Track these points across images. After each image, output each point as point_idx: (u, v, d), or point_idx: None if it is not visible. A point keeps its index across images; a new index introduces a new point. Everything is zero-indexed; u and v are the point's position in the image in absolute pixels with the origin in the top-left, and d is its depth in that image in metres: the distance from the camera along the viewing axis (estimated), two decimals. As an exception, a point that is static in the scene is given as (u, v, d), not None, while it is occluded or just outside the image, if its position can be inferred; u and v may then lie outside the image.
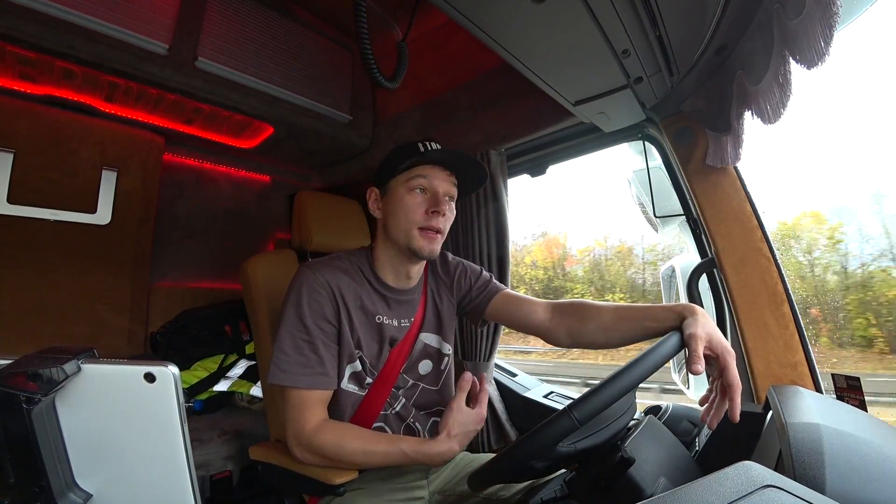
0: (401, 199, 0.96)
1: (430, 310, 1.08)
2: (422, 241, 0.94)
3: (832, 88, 8.23)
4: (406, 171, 0.96)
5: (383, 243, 1.02)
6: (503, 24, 0.81)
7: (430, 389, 1.07)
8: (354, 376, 0.97)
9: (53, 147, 1.55)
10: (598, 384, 0.66)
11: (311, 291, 0.92)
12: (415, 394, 1.04)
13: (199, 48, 1.39)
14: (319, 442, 0.87)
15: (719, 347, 0.75)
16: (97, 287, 1.68)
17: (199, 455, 1.44)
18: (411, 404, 1.03)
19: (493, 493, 0.99)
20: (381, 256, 1.02)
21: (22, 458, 0.46)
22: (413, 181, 0.95)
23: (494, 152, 1.56)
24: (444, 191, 0.97)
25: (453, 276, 1.12)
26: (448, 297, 1.12)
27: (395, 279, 1.03)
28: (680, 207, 1.33)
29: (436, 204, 0.94)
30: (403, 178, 0.96)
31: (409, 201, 0.95)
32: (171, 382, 0.49)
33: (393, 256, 1.01)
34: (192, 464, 0.51)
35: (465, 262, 1.16)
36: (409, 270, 1.02)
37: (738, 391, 0.72)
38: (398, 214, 0.96)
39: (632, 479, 0.67)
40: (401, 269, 1.01)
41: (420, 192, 0.96)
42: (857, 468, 0.54)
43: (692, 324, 0.76)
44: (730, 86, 0.96)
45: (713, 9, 0.80)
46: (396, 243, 0.97)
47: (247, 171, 2.23)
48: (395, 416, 1.00)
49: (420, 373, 1.05)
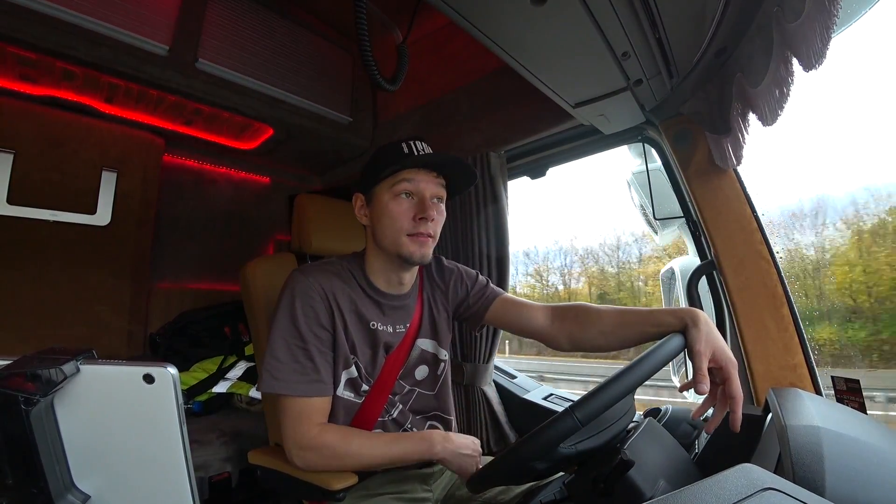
0: (386, 206, 0.92)
1: (426, 315, 1.07)
2: (412, 247, 0.91)
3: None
4: (390, 177, 0.92)
5: (374, 250, 0.99)
6: (503, 26, 0.82)
7: (427, 394, 1.06)
8: (350, 383, 0.95)
9: (53, 148, 1.55)
10: (600, 385, 0.66)
11: (305, 297, 0.90)
12: (411, 399, 1.03)
13: (200, 49, 1.39)
14: (323, 441, 0.86)
15: (723, 359, 0.76)
16: (97, 288, 1.68)
17: (198, 456, 1.44)
18: (408, 409, 1.02)
19: (492, 496, 0.99)
20: (372, 263, 1.00)
21: (20, 459, 0.46)
22: (398, 186, 0.91)
23: (494, 154, 1.56)
24: (432, 193, 0.93)
25: (448, 282, 1.10)
26: (444, 302, 1.10)
27: (387, 285, 1.00)
28: (680, 210, 1.33)
29: (423, 209, 0.90)
30: (387, 183, 0.92)
31: (394, 208, 0.91)
32: (170, 383, 0.49)
33: (384, 262, 0.98)
34: (190, 465, 0.51)
35: (460, 266, 1.14)
36: (402, 277, 1.00)
37: (741, 403, 0.73)
38: (384, 222, 0.92)
39: (631, 482, 0.67)
40: (392, 275, 0.99)
41: (406, 196, 0.91)
42: (856, 471, 0.54)
43: (696, 338, 0.76)
44: (729, 88, 0.96)
45: (713, 11, 0.80)
46: (386, 250, 0.95)
47: (246, 173, 2.23)
48: (393, 421, 0.99)
49: (417, 378, 1.04)
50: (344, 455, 0.87)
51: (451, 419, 1.09)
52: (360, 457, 0.88)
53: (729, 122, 1.00)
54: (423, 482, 1.02)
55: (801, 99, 0.79)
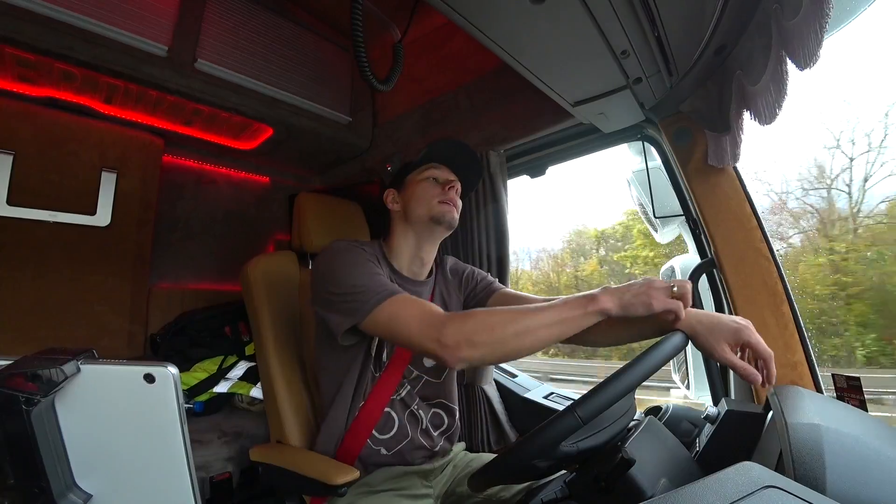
0: (417, 185, 1.09)
1: (438, 303, 1.12)
2: (443, 208, 1.06)
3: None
4: (418, 169, 1.11)
5: (402, 230, 1.10)
6: (502, 24, 0.82)
7: (434, 382, 1.10)
8: (377, 356, 1.02)
9: (53, 149, 1.55)
10: (601, 382, 0.66)
11: (362, 252, 0.98)
12: (419, 384, 1.07)
13: (199, 50, 1.39)
14: (462, 316, 0.79)
15: (738, 340, 0.78)
16: (97, 289, 1.68)
17: (199, 456, 1.44)
18: (415, 393, 1.06)
19: (493, 495, 0.99)
20: (397, 244, 1.10)
21: (22, 458, 0.46)
22: (426, 172, 1.10)
23: (494, 153, 1.56)
24: (452, 178, 1.12)
25: (461, 276, 1.20)
26: (456, 294, 1.17)
27: (409, 266, 1.10)
28: (679, 208, 1.33)
29: (448, 182, 1.09)
30: (416, 173, 1.11)
31: (426, 186, 1.09)
32: (170, 383, 0.49)
33: (411, 239, 1.10)
34: (192, 465, 0.51)
35: (473, 267, 1.25)
36: (424, 256, 1.11)
37: (772, 359, 0.76)
38: (418, 195, 1.08)
39: (632, 480, 0.67)
40: (417, 252, 1.10)
41: (433, 181, 1.10)
42: (857, 468, 0.54)
43: (710, 343, 0.78)
44: (729, 86, 0.96)
45: (712, 9, 0.80)
46: (419, 220, 1.07)
47: (246, 173, 2.23)
48: (401, 402, 1.04)
49: (425, 365, 1.08)
50: (496, 324, 0.76)
51: (455, 408, 1.14)
52: (517, 321, 0.77)
53: (728, 121, 1.00)
54: (424, 478, 1.03)
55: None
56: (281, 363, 1.21)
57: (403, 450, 1.01)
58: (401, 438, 1.01)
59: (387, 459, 1.00)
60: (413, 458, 1.02)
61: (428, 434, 1.06)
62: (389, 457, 1.00)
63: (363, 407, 1.01)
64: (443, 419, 1.11)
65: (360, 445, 0.99)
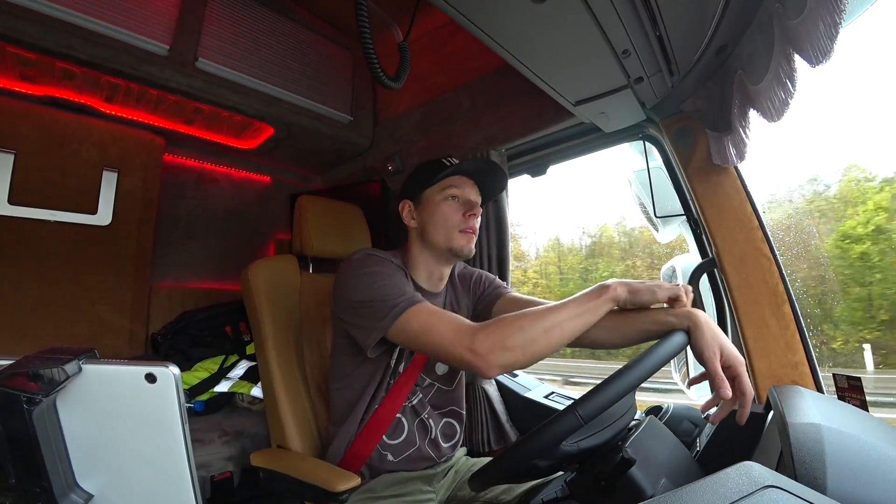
0: (438, 206, 1.05)
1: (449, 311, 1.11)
2: (462, 241, 1.03)
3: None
4: (439, 183, 1.06)
5: (419, 248, 1.09)
6: (503, 24, 0.81)
7: (445, 390, 1.10)
8: (395, 366, 1.02)
9: (54, 148, 1.55)
10: (602, 382, 0.66)
11: (389, 263, 0.98)
12: (431, 392, 1.08)
13: (200, 49, 1.39)
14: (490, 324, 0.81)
15: (731, 358, 0.77)
16: (98, 288, 1.68)
17: (200, 456, 1.44)
18: (427, 401, 1.07)
19: (494, 496, 0.99)
20: (416, 260, 1.09)
21: (23, 458, 0.46)
22: (447, 191, 1.05)
23: (495, 152, 1.56)
24: (474, 199, 1.07)
25: (470, 281, 1.19)
26: (466, 301, 1.18)
27: (427, 281, 1.10)
28: (681, 207, 1.33)
29: (471, 207, 1.05)
30: (436, 188, 1.06)
31: (445, 208, 1.04)
32: (171, 383, 0.49)
33: (429, 258, 1.08)
34: (192, 464, 0.51)
35: (481, 271, 1.25)
36: (443, 273, 1.11)
37: (750, 399, 0.75)
38: (437, 219, 1.04)
39: (633, 480, 0.67)
40: (435, 271, 1.09)
41: (453, 199, 1.05)
42: (858, 468, 0.54)
43: (704, 342, 0.77)
44: (730, 85, 0.96)
45: (713, 8, 0.80)
46: (436, 246, 1.05)
47: (247, 172, 2.23)
48: (412, 409, 1.04)
49: (437, 373, 1.09)
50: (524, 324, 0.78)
51: (463, 414, 1.15)
52: (544, 318, 0.79)
53: (730, 120, 1.00)
54: (426, 483, 1.03)
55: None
56: (282, 368, 1.20)
57: (409, 458, 1.02)
58: (408, 446, 1.02)
59: (392, 465, 1.00)
60: (417, 466, 1.03)
61: (436, 445, 1.06)
62: (395, 463, 1.00)
63: (376, 412, 1.01)
64: (455, 429, 1.12)
65: (370, 449, 0.99)
